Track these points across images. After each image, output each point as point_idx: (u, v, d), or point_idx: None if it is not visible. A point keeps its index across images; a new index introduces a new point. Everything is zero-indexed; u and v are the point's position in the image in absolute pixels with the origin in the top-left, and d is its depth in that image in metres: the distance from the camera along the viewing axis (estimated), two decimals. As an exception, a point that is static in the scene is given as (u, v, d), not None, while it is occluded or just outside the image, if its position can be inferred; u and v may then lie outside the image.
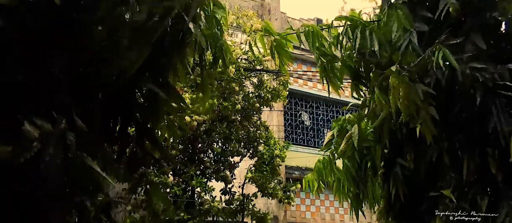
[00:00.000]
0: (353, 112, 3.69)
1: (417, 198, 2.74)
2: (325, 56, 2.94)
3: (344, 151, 3.09)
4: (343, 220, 11.81)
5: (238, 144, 7.81)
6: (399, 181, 2.72)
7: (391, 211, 2.93)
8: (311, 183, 3.51)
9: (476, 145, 2.50)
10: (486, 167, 2.41)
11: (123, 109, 1.65)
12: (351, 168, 3.22)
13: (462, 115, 2.61)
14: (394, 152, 2.85)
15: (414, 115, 2.49)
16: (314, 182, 3.51)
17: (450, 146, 2.57)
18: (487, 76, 2.44)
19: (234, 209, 7.68)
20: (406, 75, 2.50)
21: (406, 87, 2.44)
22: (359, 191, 3.27)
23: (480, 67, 2.49)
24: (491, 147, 2.46)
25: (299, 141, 12.29)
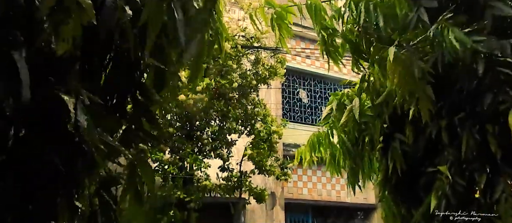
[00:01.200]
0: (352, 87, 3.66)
1: (414, 173, 2.76)
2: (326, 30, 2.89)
3: (345, 124, 3.09)
4: (339, 196, 12.00)
5: (235, 121, 7.81)
6: (397, 155, 2.73)
7: (387, 184, 2.95)
8: (303, 155, 3.53)
9: (476, 122, 2.50)
10: (485, 144, 2.42)
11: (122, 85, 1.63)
12: (348, 142, 3.23)
13: (462, 92, 2.59)
14: (393, 127, 2.85)
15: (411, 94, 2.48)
16: (306, 154, 3.52)
17: (449, 123, 2.56)
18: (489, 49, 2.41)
19: (232, 186, 7.75)
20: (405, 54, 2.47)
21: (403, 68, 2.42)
22: (355, 165, 3.29)
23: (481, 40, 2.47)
24: (491, 124, 2.46)
25: (297, 119, 12.31)
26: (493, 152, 2.35)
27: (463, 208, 2.43)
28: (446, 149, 2.57)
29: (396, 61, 2.41)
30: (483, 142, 2.43)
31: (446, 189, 2.46)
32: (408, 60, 2.44)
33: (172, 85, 1.79)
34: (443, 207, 2.46)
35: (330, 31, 2.93)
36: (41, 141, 1.21)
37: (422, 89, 2.45)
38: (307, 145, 3.59)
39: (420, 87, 2.45)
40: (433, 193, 2.53)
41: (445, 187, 2.48)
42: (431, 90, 2.47)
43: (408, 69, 2.41)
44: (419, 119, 2.53)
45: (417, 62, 2.44)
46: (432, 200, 2.48)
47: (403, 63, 2.40)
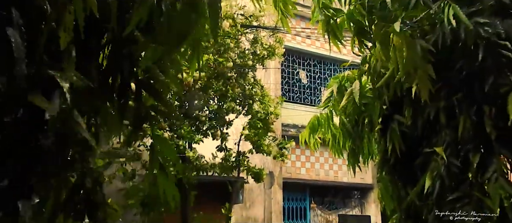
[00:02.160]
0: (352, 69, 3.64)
1: (412, 154, 2.77)
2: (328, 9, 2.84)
3: (345, 106, 3.08)
4: (337, 176, 12.13)
5: (233, 101, 7.80)
6: (396, 136, 2.74)
7: (385, 165, 2.98)
8: (307, 139, 3.54)
9: (474, 103, 2.49)
10: (481, 125, 2.42)
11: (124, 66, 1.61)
12: (348, 124, 3.24)
13: (462, 72, 2.58)
14: (393, 108, 2.84)
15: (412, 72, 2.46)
16: (311, 138, 3.54)
17: (448, 104, 2.56)
18: (491, 31, 2.38)
19: (229, 165, 7.81)
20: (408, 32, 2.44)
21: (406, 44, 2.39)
22: (355, 146, 3.31)
23: (483, 22, 2.43)
24: (488, 105, 2.45)
25: (296, 99, 12.30)
26: (488, 133, 2.36)
27: (456, 188, 2.46)
28: (444, 130, 2.57)
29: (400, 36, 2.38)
30: (479, 123, 2.43)
31: (441, 169, 2.48)
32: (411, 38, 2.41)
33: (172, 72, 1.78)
34: (437, 187, 2.48)
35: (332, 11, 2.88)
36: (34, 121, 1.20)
37: (422, 68, 2.43)
38: (308, 127, 3.60)
39: (421, 65, 2.43)
40: (428, 174, 2.55)
41: (440, 167, 2.50)
42: (431, 69, 2.45)
43: (410, 46, 2.38)
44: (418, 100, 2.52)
45: (419, 40, 2.42)
46: (426, 180, 2.50)
47: (405, 40, 2.37)
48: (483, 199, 2.36)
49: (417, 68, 2.43)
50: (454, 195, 2.43)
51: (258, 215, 10.46)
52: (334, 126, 3.51)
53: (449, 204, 2.44)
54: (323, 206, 11.95)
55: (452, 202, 2.43)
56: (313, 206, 11.69)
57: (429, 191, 2.54)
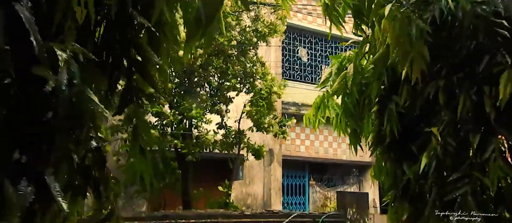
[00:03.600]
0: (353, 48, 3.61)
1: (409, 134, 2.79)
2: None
3: (336, 90, 3.09)
4: (336, 153, 12.25)
5: (234, 79, 7.79)
6: (393, 118, 2.75)
7: (380, 144, 3.00)
8: (311, 119, 3.55)
9: (474, 83, 2.49)
10: (481, 105, 2.42)
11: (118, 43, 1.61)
12: (349, 104, 3.24)
13: (463, 52, 2.56)
14: (391, 88, 2.84)
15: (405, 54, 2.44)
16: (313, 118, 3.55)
17: (448, 84, 2.55)
18: (488, 10, 2.36)
19: (230, 142, 7.88)
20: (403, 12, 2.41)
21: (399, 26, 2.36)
22: (357, 126, 3.32)
23: (481, 1, 2.41)
24: (488, 85, 2.45)
25: (297, 77, 12.28)
26: (488, 112, 2.36)
27: (455, 168, 2.48)
28: (443, 110, 2.58)
29: (391, 18, 2.36)
30: (479, 103, 2.43)
31: (438, 149, 2.50)
32: (406, 19, 2.38)
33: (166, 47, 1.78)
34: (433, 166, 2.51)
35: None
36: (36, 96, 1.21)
37: (417, 49, 2.42)
38: (313, 107, 3.60)
39: (415, 47, 2.42)
40: (425, 153, 2.57)
41: (437, 147, 2.52)
42: (426, 50, 2.44)
43: (404, 28, 2.36)
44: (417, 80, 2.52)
45: (416, 21, 2.39)
46: (423, 159, 2.52)
47: (400, 21, 2.34)
48: (483, 179, 2.39)
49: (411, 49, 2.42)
50: (454, 176, 2.46)
51: (258, 191, 10.63)
52: (337, 105, 3.51)
53: (449, 185, 2.47)
54: (322, 183, 12.13)
55: (452, 183, 2.46)
56: (312, 183, 11.87)
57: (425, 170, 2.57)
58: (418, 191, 2.76)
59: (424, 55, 2.44)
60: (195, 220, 5.84)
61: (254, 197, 10.57)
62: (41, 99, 1.22)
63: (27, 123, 1.24)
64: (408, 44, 2.39)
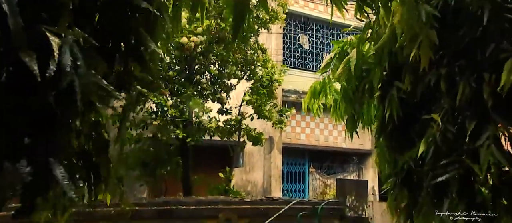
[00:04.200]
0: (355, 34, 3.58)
1: (410, 121, 2.79)
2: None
3: (340, 75, 3.07)
4: (336, 141, 12.29)
5: (235, 66, 7.77)
6: (394, 103, 2.74)
7: (383, 131, 3.00)
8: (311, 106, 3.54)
9: (475, 70, 2.48)
10: (479, 93, 2.42)
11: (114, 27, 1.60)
12: (349, 90, 3.23)
13: (466, 38, 2.54)
14: (393, 74, 2.83)
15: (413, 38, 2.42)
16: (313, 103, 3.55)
17: (449, 71, 2.54)
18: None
19: (230, 129, 7.90)
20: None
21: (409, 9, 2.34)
22: (355, 112, 3.32)
23: None
24: (488, 72, 2.44)
25: (297, 65, 12.24)
26: (485, 99, 2.36)
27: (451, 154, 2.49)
28: (443, 97, 2.57)
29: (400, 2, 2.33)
30: (478, 90, 2.42)
31: (437, 135, 2.51)
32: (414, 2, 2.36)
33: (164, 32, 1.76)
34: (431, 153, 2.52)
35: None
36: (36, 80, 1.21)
37: (425, 34, 2.40)
38: (310, 92, 3.59)
39: (423, 31, 2.40)
40: (424, 139, 2.57)
41: (436, 134, 2.52)
42: (435, 35, 2.42)
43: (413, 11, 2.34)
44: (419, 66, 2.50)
45: (424, 5, 2.37)
46: (421, 145, 2.53)
47: (408, 4, 2.32)
48: (472, 165, 2.40)
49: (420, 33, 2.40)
50: (445, 160, 2.47)
51: (258, 179, 10.70)
52: (335, 91, 3.50)
53: (440, 168, 2.49)
54: (321, 170, 12.20)
55: (443, 167, 2.47)
56: (312, 170, 11.94)
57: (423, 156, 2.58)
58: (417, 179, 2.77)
59: (433, 40, 2.42)
60: (196, 206, 5.90)
61: (254, 184, 10.65)
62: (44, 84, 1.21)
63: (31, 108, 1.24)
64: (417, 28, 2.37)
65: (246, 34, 1.95)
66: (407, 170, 2.79)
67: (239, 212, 6.02)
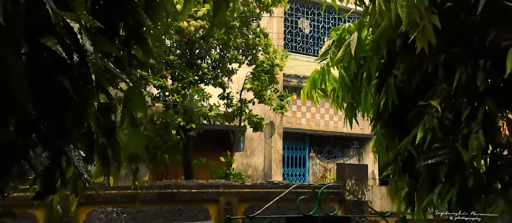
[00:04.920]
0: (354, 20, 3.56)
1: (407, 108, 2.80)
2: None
3: (340, 59, 3.06)
4: (337, 126, 12.32)
5: (236, 50, 7.73)
6: (391, 91, 2.75)
7: (379, 119, 3.01)
8: (309, 94, 3.55)
9: (471, 57, 2.48)
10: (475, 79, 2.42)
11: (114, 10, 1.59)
12: (347, 77, 3.23)
13: (464, 26, 2.53)
14: (390, 62, 2.82)
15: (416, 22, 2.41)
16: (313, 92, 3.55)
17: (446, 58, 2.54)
18: None
19: (231, 114, 7.92)
20: None
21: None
22: (353, 100, 3.33)
23: None
24: (484, 59, 2.44)
25: (299, 49, 12.17)
26: (478, 85, 2.36)
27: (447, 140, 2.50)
28: (441, 84, 2.58)
29: None
30: (474, 77, 2.43)
31: (434, 122, 2.52)
32: None
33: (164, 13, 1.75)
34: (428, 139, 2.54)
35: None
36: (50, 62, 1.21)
37: (428, 18, 2.38)
38: (309, 81, 3.59)
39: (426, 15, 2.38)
40: (421, 126, 2.59)
41: (433, 120, 2.53)
42: (437, 19, 2.41)
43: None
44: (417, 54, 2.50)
45: None
46: (418, 132, 2.54)
47: None
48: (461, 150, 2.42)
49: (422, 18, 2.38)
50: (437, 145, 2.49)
51: (259, 163, 10.78)
52: (334, 80, 3.51)
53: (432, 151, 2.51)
54: (322, 155, 12.28)
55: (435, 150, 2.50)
56: (312, 155, 12.01)
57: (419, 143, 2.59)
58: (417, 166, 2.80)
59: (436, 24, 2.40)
60: (197, 190, 5.97)
61: (255, 168, 10.73)
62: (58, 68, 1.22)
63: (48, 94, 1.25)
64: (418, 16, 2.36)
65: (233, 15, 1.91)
66: (407, 157, 2.81)
67: (239, 195, 6.09)
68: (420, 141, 2.54)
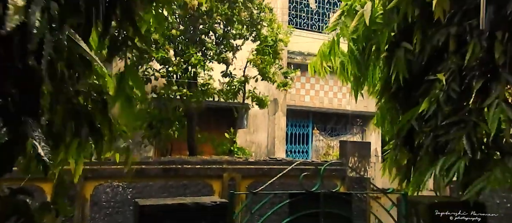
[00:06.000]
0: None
1: (415, 82, 2.77)
2: None
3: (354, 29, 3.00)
4: (340, 103, 12.28)
5: (240, 26, 7.63)
6: (401, 64, 2.71)
7: (386, 92, 2.99)
8: (316, 68, 3.51)
9: (487, 28, 2.40)
10: (490, 51, 2.36)
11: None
12: (356, 51, 3.18)
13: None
14: (401, 35, 2.77)
15: None
16: (319, 66, 3.51)
17: (459, 30, 2.48)
18: None
19: (234, 90, 7.89)
20: None
21: None
22: (361, 74, 3.30)
23: None
24: (501, 30, 2.37)
25: (303, 25, 11.99)
26: (496, 58, 2.31)
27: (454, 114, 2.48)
28: (451, 57, 2.53)
29: None
30: (489, 49, 2.37)
31: (440, 95, 2.49)
32: None
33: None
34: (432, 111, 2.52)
35: None
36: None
37: None
38: (318, 55, 3.55)
39: None
40: (427, 98, 2.56)
41: (439, 93, 2.50)
42: None
43: None
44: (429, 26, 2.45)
45: None
46: (423, 104, 2.52)
47: None
48: (479, 124, 2.39)
49: None
50: (450, 120, 2.47)
51: (262, 140, 10.84)
52: (342, 53, 3.46)
53: (443, 128, 2.49)
54: (325, 132, 12.30)
55: (447, 126, 2.48)
56: (316, 132, 12.04)
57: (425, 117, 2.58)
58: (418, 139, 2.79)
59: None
60: (201, 165, 6.03)
61: (258, 145, 10.80)
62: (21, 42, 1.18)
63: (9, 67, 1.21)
64: None
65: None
66: (409, 130, 2.81)
67: (243, 172, 6.15)
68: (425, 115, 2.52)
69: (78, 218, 5.36)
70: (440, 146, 2.50)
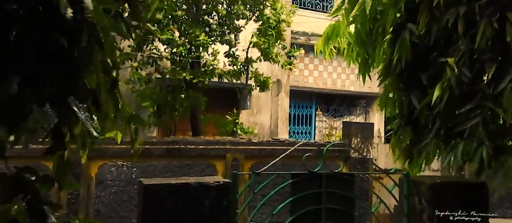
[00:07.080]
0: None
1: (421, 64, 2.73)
2: None
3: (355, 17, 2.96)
4: (344, 85, 12.23)
5: (243, 6, 7.52)
6: (405, 46, 2.66)
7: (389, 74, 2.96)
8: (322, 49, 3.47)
9: (497, 10, 2.33)
10: (501, 34, 2.30)
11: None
12: (363, 32, 3.14)
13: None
14: (407, 16, 2.71)
15: None
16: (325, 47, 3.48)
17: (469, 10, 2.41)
18: None
19: (237, 71, 7.85)
20: None
21: None
22: (368, 56, 3.26)
23: None
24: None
25: (307, 4, 11.81)
26: (508, 41, 2.25)
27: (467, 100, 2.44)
28: (461, 39, 2.47)
29: None
30: (500, 31, 2.30)
31: (452, 80, 2.44)
32: None
33: None
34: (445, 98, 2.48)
35: None
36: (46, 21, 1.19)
37: None
38: (323, 36, 3.51)
39: None
40: (439, 84, 2.52)
41: (452, 78, 2.45)
42: None
43: None
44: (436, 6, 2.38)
45: None
46: (436, 91, 2.48)
47: None
48: (496, 110, 2.34)
49: None
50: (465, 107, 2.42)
51: (265, 121, 10.86)
52: (349, 34, 3.42)
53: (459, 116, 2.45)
54: (328, 113, 12.30)
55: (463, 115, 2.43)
56: (319, 113, 12.04)
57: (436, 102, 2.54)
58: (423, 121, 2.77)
59: None
60: (204, 146, 6.06)
61: (261, 126, 10.83)
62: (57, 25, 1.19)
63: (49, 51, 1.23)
64: None
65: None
66: (412, 111, 2.79)
67: (246, 152, 6.19)
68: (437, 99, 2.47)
69: (84, 196, 5.45)
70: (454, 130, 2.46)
